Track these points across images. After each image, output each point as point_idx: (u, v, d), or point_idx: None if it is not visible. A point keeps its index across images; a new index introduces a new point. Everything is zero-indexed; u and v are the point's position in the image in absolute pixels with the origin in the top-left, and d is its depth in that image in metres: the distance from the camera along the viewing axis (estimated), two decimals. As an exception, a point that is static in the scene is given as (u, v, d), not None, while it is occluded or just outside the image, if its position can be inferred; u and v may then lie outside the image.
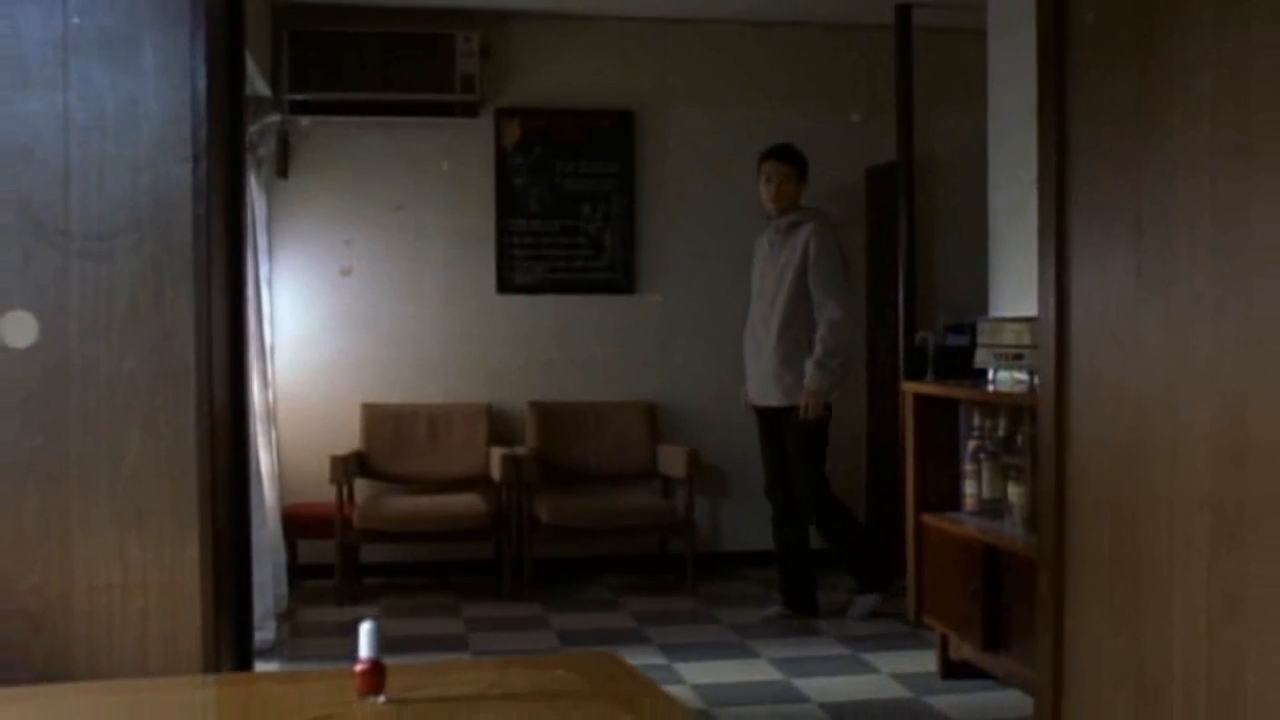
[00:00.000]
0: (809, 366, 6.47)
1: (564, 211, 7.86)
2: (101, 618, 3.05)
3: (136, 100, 3.04)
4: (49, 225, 3.01)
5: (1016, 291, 5.96)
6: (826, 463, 6.63)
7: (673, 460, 7.45)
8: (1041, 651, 4.16)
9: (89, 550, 3.03)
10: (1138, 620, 3.62)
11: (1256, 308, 3.12)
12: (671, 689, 4.98)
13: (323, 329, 7.61)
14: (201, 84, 3.04)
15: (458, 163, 7.77)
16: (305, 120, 7.47)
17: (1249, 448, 3.14)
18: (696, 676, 5.56)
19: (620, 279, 7.93)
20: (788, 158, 6.76)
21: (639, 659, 5.59)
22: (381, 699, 2.29)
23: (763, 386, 6.67)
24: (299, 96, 7.34)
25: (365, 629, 2.29)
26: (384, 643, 2.42)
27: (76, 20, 3.02)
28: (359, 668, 2.31)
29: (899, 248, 7.13)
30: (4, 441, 3.01)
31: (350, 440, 7.42)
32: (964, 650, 5.42)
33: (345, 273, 7.64)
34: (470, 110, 7.60)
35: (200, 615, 3.07)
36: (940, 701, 5.25)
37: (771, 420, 6.71)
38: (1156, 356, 3.52)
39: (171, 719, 2.49)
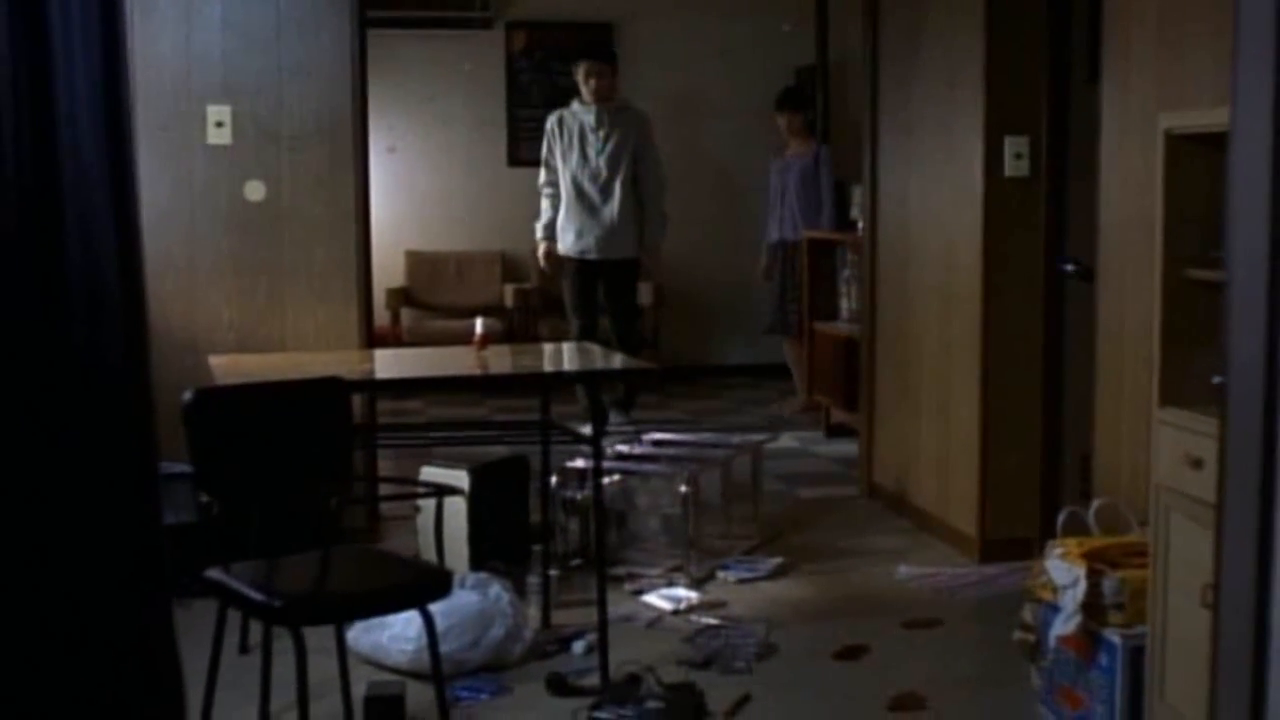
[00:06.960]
0: (654, 230, 7.80)
1: (559, 102, 9.40)
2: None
3: (318, 59, 5.30)
4: (270, 131, 5.29)
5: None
6: None
7: (644, 291, 9.66)
8: (863, 397, 6.50)
9: (295, 315, 5.36)
10: (906, 366, 5.94)
11: (955, 180, 5.42)
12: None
13: (374, 193, 9.57)
14: (357, 49, 5.32)
15: (476, 65, 9.81)
16: (360, 32, 9.59)
17: (955, 260, 5.43)
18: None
19: (603, 154, 10.04)
20: (609, 56, 7.91)
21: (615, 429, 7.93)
22: (487, 352, 4.53)
23: (607, 241, 7.70)
24: (355, 14, 9.40)
25: (480, 321, 4.51)
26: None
27: (285, 13, 5.27)
28: (476, 337, 4.51)
29: (817, 131, 9.23)
30: (246, 254, 5.32)
31: (398, 278, 9.57)
32: (838, 415, 7.77)
33: (391, 151, 9.72)
34: (486, 24, 9.65)
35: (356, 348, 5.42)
36: (820, 449, 7.60)
37: (594, 270, 7.77)
38: (913, 209, 5.81)
39: (363, 362, 4.82)
